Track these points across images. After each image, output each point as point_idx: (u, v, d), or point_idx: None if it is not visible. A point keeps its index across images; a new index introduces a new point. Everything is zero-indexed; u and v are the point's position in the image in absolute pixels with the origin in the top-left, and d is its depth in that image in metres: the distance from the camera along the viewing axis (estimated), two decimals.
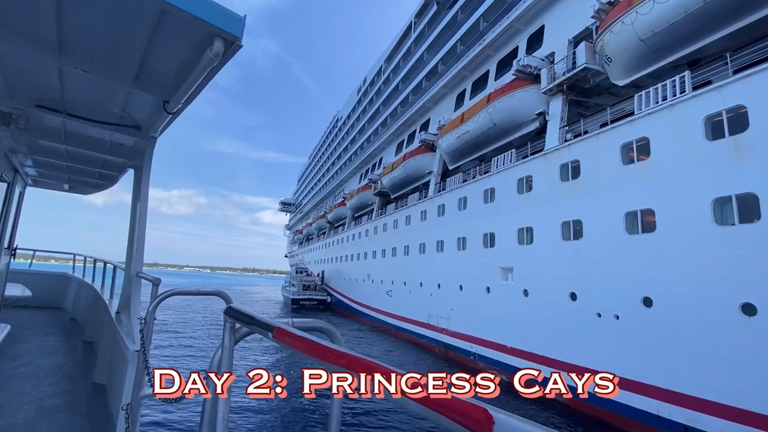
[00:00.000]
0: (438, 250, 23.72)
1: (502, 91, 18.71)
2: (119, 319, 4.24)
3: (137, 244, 4.28)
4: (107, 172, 5.92)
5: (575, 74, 15.30)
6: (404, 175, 29.19)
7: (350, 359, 0.74)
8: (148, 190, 4.54)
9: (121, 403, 2.93)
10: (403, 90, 34.58)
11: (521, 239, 17.05)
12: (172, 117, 3.65)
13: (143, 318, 2.90)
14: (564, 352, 14.15)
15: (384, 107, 39.63)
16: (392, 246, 30.86)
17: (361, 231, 39.72)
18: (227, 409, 1.31)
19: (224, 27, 2.29)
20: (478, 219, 20.00)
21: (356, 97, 51.48)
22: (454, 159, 24.21)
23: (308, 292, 48.86)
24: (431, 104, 29.56)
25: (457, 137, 21.89)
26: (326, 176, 64.80)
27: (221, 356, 1.39)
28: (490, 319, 18.30)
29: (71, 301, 8.31)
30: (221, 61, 2.49)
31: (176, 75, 2.97)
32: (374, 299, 33.54)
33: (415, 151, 28.25)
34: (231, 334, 1.38)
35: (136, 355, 2.93)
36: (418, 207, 27.28)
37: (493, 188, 19.21)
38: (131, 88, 3.15)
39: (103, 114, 3.83)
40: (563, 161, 15.28)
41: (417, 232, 26.91)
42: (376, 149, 40.46)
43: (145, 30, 2.42)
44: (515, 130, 19.06)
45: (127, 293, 4.29)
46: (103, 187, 7.13)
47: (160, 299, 2.80)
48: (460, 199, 21.91)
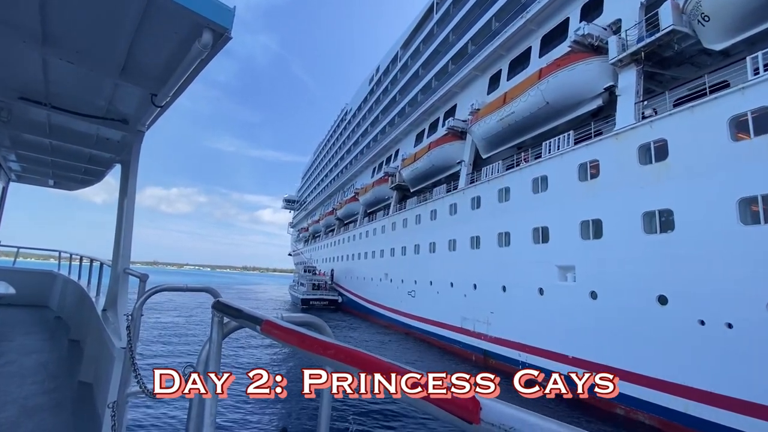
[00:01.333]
0: (473, 246, 21.46)
1: (558, 64, 16.41)
2: (106, 316, 4.18)
3: (124, 240, 4.19)
4: (94, 167, 5.77)
5: (658, 39, 13.01)
6: (429, 165, 26.89)
7: (338, 350, 0.74)
8: (135, 185, 4.40)
9: (107, 402, 2.85)
10: (424, 76, 32.25)
11: (585, 233, 14.80)
12: (160, 110, 3.54)
13: (130, 315, 2.79)
14: (651, 367, 11.92)
15: (401, 96, 37.29)
16: (414, 243, 28.60)
17: (376, 227, 37.46)
18: (215, 405, 1.28)
19: (213, 18, 2.21)
20: (526, 212, 17.74)
21: (367, 88, 49.09)
22: (490, 146, 21.92)
23: (319, 292, 46.63)
24: (458, 89, 27.25)
25: (498, 120, 19.58)
26: (334, 171, 62.47)
27: (209, 351, 1.36)
28: (543, 324, 16.06)
29: (57, 299, 8.09)
30: (210, 53, 2.44)
31: (164, 67, 2.88)
32: (393, 300, 31.31)
33: (442, 140, 25.95)
34: (219, 329, 1.36)
35: (123, 353, 2.83)
36: (445, 200, 25.01)
37: (544, 176, 16.93)
38: (118, 80, 3.05)
39: (89, 107, 3.72)
40: (643, 141, 13.01)
41: (445, 228, 24.65)
42: (391, 141, 38.14)
43: (132, 20, 2.36)
44: (571, 109, 16.78)
45: (114, 290, 4.23)
46: (89, 183, 6.94)
47: (147, 295, 2.71)
48: (501, 190, 19.64)
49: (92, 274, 6.52)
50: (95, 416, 3.40)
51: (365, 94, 49.69)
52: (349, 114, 56.71)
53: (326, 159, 69.78)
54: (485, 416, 0.48)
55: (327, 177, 67.27)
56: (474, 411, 0.49)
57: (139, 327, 2.85)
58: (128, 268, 4.02)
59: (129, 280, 4.08)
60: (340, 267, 49.82)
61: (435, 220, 26.02)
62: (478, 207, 21.48)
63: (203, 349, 1.47)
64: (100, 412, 3.33)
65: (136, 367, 2.64)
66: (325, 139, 73.89)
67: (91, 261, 6.67)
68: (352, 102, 56.85)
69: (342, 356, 0.72)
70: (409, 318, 28.16)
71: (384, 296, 33.53)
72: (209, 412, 1.27)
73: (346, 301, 45.68)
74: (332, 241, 54.60)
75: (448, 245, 24.02)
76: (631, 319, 12.66)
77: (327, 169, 67.75)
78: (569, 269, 15.33)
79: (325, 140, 72.78)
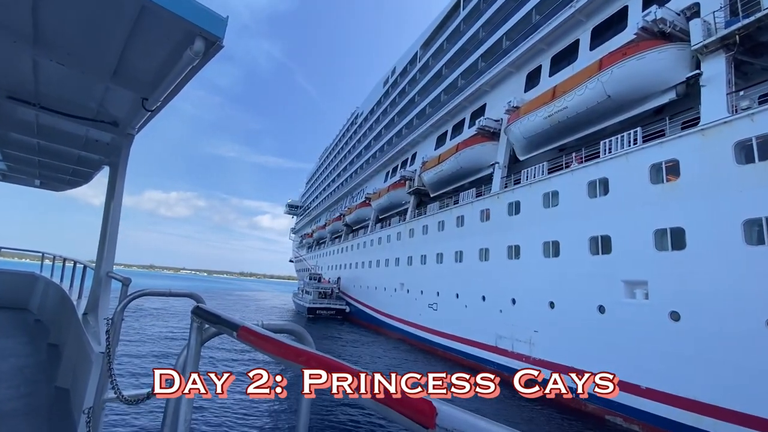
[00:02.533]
0: (511, 257, 19.43)
1: (624, 53, 14.60)
2: (86, 320, 4.15)
3: (109, 243, 4.18)
4: (82, 168, 5.75)
5: (759, 19, 11.21)
6: (456, 168, 24.98)
7: (309, 357, 0.77)
8: (123, 188, 4.37)
9: (83, 407, 2.82)
10: (448, 75, 30.57)
11: (662, 244, 12.82)
12: (150, 114, 3.56)
13: (111, 319, 2.78)
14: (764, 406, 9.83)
15: (420, 97, 35.59)
16: (437, 251, 26.55)
17: (390, 234, 35.42)
18: (190, 410, 1.28)
19: (205, 27, 2.24)
20: (579, 218, 15.76)
21: (382, 90, 47.47)
22: (530, 147, 20.06)
23: (326, 301, 44.33)
24: (488, 88, 25.51)
25: (546, 117, 17.73)
26: (342, 176, 60.58)
27: (187, 356, 1.35)
28: (605, 347, 13.97)
29: (37, 302, 7.89)
30: (202, 60, 2.46)
31: (156, 72, 2.90)
32: (410, 312, 29.12)
33: (472, 140, 24.09)
34: (198, 334, 1.35)
35: (101, 357, 2.82)
36: (475, 206, 23.06)
37: (604, 178, 15.01)
38: (109, 83, 3.06)
39: (78, 108, 3.70)
40: (741, 137, 11.12)
41: (474, 236, 22.65)
42: (408, 144, 36.32)
43: (125, 25, 2.38)
44: (636, 103, 14.93)
45: (96, 294, 4.22)
46: (76, 184, 6.88)
47: (129, 300, 2.70)
48: (546, 194, 17.70)
49: (75, 277, 6.34)
50: (70, 422, 3.34)
51: (379, 96, 48.05)
52: (361, 117, 55.03)
53: (334, 164, 67.96)
54: (440, 421, 0.50)
55: (334, 182, 65.36)
56: (430, 415, 0.51)
57: (119, 332, 2.79)
58: (111, 272, 3.98)
59: (112, 284, 4.01)
60: (348, 275, 47.61)
61: (462, 227, 24.02)
62: (516, 213, 19.51)
63: (181, 354, 1.47)
64: (75, 418, 3.28)
65: (113, 373, 2.55)
66: (332, 144, 72.20)
67: (74, 263, 6.48)
68: (364, 105, 55.24)
69: (314, 363, 0.75)
70: (429, 333, 25.94)
71: (399, 308, 31.34)
72: (183, 418, 1.25)
73: (354, 311, 43.40)
74: (339, 247, 52.45)
75: (478, 255, 21.98)
76: (731, 347, 10.61)
77: (334, 173, 65.86)
78: (639, 284, 13.29)
79: (333, 145, 71.08)
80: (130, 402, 2.42)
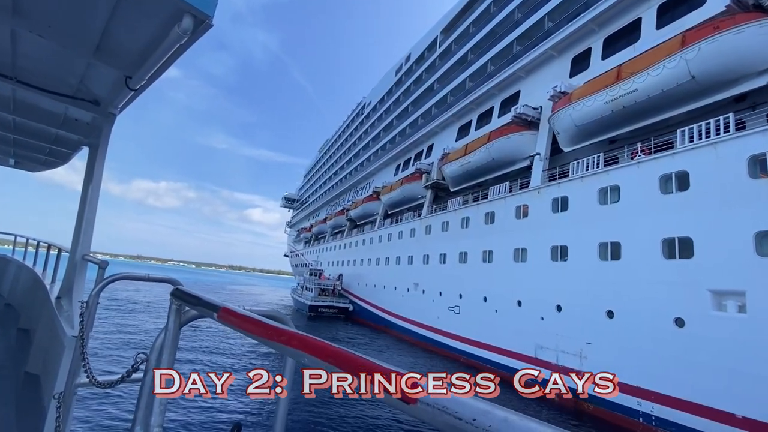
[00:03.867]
0: (555, 258, 17.44)
1: (716, 27, 12.61)
2: (60, 304, 4.05)
3: (86, 225, 4.07)
4: (59, 148, 5.57)
5: None
6: (487, 159, 22.89)
7: (291, 336, 0.76)
8: (102, 170, 4.22)
9: (53, 393, 2.73)
10: (475, 60, 28.44)
11: (763, 249, 10.90)
12: (134, 94, 3.39)
13: (85, 302, 2.64)
14: None
15: (440, 84, 33.39)
16: (459, 250, 24.48)
17: (402, 230, 33.27)
18: (166, 399, 1.22)
19: (194, 3, 2.14)
20: (649, 217, 13.79)
21: (393, 78, 45.11)
22: (580, 137, 18.04)
23: (328, 299, 42.03)
24: (523, 73, 23.44)
25: (608, 101, 15.68)
26: (345, 169, 58.16)
27: (164, 339, 1.31)
28: (685, 366, 12.05)
29: (8, 285, 7.56)
30: (190, 38, 2.34)
31: (141, 50, 2.76)
32: (426, 314, 27.06)
33: (506, 129, 22.00)
34: (176, 317, 1.32)
35: (74, 341, 2.69)
36: (508, 201, 21.02)
37: (682, 172, 13.05)
38: (91, 59, 2.92)
39: (58, 84, 3.52)
40: None
41: (507, 234, 20.62)
42: (424, 135, 34.17)
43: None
44: (722, 87, 12.99)
45: (71, 277, 4.13)
46: (53, 165, 6.76)
47: (105, 283, 2.63)
48: (603, 190, 15.71)
49: (49, 261, 6.26)
50: (40, 408, 3.19)
51: (390, 85, 45.67)
52: (368, 108, 52.58)
53: (336, 156, 65.41)
54: (422, 396, 0.51)
55: (336, 175, 62.87)
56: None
57: (94, 316, 2.70)
58: (87, 255, 3.92)
59: (88, 267, 3.94)
60: (351, 272, 45.38)
61: (492, 224, 21.97)
62: (562, 209, 17.51)
63: (158, 337, 1.42)
64: (45, 404, 3.14)
65: (86, 357, 2.43)
66: (335, 136, 69.61)
67: (48, 246, 6.35)
68: (372, 95, 52.80)
69: (295, 342, 0.74)
70: (450, 338, 23.90)
71: (412, 309, 29.26)
72: (159, 401, 1.22)
73: (357, 309, 41.25)
74: (342, 243, 50.15)
75: (513, 255, 19.96)
76: None
77: (337, 166, 63.35)
78: (733, 295, 11.38)
79: (336, 136, 68.49)
80: (104, 386, 2.32)
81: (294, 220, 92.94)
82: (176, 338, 1.32)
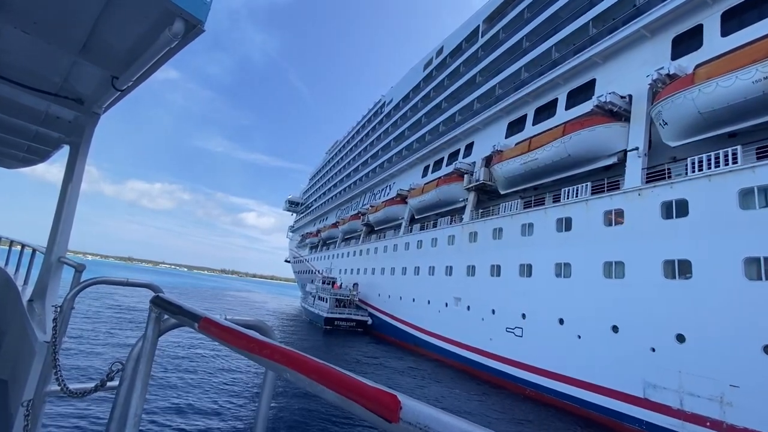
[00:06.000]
0: (672, 275, 14.07)
1: None
2: (32, 307, 3.85)
3: (63, 226, 3.88)
4: (39, 146, 5.28)
5: None
6: (562, 155, 19.59)
7: (273, 349, 0.75)
8: (83, 169, 4.06)
9: (22, 400, 2.62)
10: (531, 49, 25.36)
11: None
12: (120, 94, 3.30)
13: (59, 307, 2.57)
14: None
15: (482, 77, 30.29)
16: (521, 262, 21.06)
17: (436, 237, 29.84)
18: (141, 405, 1.20)
19: (186, 8, 2.06)
20: None
21: (421, 74, 41.99)
22: (699, 128, 14.81)
23: (346, 311, 38.23)
24: (600, 59, 20.36)
25: (759, 79, 12.49)
26: (360, 171, 54.71)
27: (142, 347, 1.27)
28: None
29: None
30: (180, 43, 2.26)
31: (129, 50, 2.68)
32: (473, 335, 23.50)
33: (587, 121, 18.77)
34: (155, 325, 1.28)
35: (45, 347, 2.60)
36: (591, 205, 17.73)
37: None
38: (77, 57, 2.81)
39: (40, 81, 3.37)
40: None
41: (592, 244, 17.28)
42: (461, 133, 30.96)
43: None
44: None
45: (45, 280, 3.88)
46: (31, 163, 6.40)
47: (81, 287, 2.51)
48: (744, 191, 12.47)
49: (22, 261, 6.00)
50: (6, 416, 3.04)
51: (416, 80, 42.53)
52: (389, 106, 49.37)
53: (349, 157, 61.99)
54: (405, 415, 0.50)
55: (349, 177, 59.37)
56: (394, 409, 0.51)
57: (68, 321, 2.62)
58: (64, 257, 3.78)
59: (63, 270, 3.84)
60: (367, 281, 41.75)
61: (568, 231, 18.61)
62: (681, 215, 14.20)
63: (135, 345, 1.40)
64: (12, 411, 2.99)
65: (58, 364, 2.36)
66: (347, 137, 66.28)
67: (22, 246, 6.05)
68: (393, 93, 49.65)
69: (277, 356, 0.73)
70: (509, 365, 20.33)
71: (452, 327, 25.69)
72: (133, 412, 1.18)
73: (376, 323, 37.53)
74: (356, 249, 46.52)
75: (603, 270, 16.58)
76: None
77: (350, 168, 59.86)
78: None
79: (348, 137, 65.14)
80: (76, 395, 2.22)
81: (298, 225, 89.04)
82: (155, 347, 1.27)
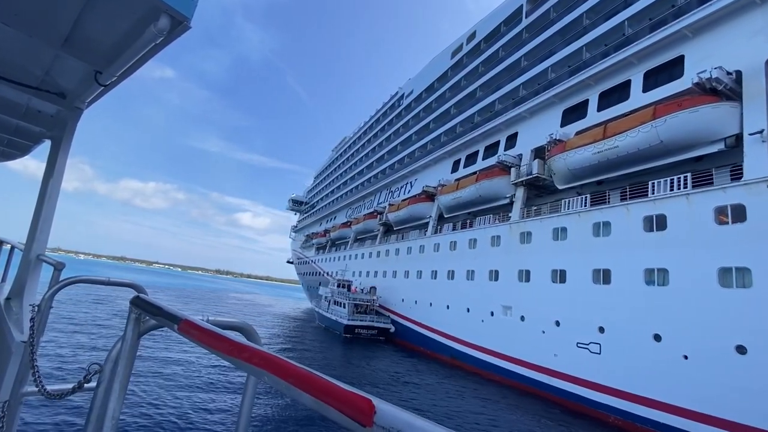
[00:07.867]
0: None
1: None
2: (9, 306, 3.73)
3: (43, 223, 3.79)
4: (19, 140, 5.16)
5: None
6: (654, 142, 16.70)
7: (252, 353, 0.75)
8: (65, 165, 3.99)
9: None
10: (591, 28, 22.57)
11: None
12: (104, 89, 3.22)
13: (37, 305, 2.50)
14: None
15: (527, 61, 27.47)
16: (594, 267, 18.21)
17: (475, 237, 26.95)
18: (120, 407, 1.19)
19: (172, 4, 2.02)
20: None
21: (448, 62, 39.02)
22: None
23: (368, 318, 35.10)
24: (690, 32, 17.60)
25: None
26: (375, 168, 51.66)
27: (121, 349, 1.25)
28: None
29: None
30: (166, 39, 2.19)
31: (113, 45, 2.61)
32: (531, 350, 20.57)
33: (686, 101, 15.90)
34: (135, 326, 1.26)
35: (22, 347, 2.56)
36: (694, 200, 14.94)
37: None
38: (59, 51, 2.73)
39: (21, 74, 3.29)
40: None
41: (699, 248, 14.47)
42: (503, 123, 28.12)
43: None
44: None
45: (23, 278, 3.77)
46: (11, 157, 6.23)
47: (60, 286, 2.50)
48: None
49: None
50: None
51: (444, 69, 39.57)
52: (408, 98, 46.42)
53: (360, 154, 58.91)
54: (379, 419, 0.49)
55: (361, 174, 56.29)
56: (368, 413, 0.51)
57: (46, 320, 2.59)
58: (43, 255, 3.69)
59: (43, 268, 3.75)
60: (386, 284, 38.79)
61: (662, 231, 15.78)
62: None
63: (114, 347, 1.38)
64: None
65: (35, 364, 2.26)
66: (357, 133, 63.15)
67: (0, 243, 5.74)
68: (413, 84, 46.69)
69: (256, 360, 0.73)
70: (582, 386, 17.44)
71: (502, 340, 22.75)
72: (111, 414, 1.16)
73: (399, 330, 34.52)
74: (372, 250, 43.51)
75: (718, 277, 13.75)
76: None
77: (362, 165, 56.76)
78: None
79: (360, 133, 62.00)
80: (54, 396, 2.14)
81: (302, 225, 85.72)
82: (134, 349, 1.25)
